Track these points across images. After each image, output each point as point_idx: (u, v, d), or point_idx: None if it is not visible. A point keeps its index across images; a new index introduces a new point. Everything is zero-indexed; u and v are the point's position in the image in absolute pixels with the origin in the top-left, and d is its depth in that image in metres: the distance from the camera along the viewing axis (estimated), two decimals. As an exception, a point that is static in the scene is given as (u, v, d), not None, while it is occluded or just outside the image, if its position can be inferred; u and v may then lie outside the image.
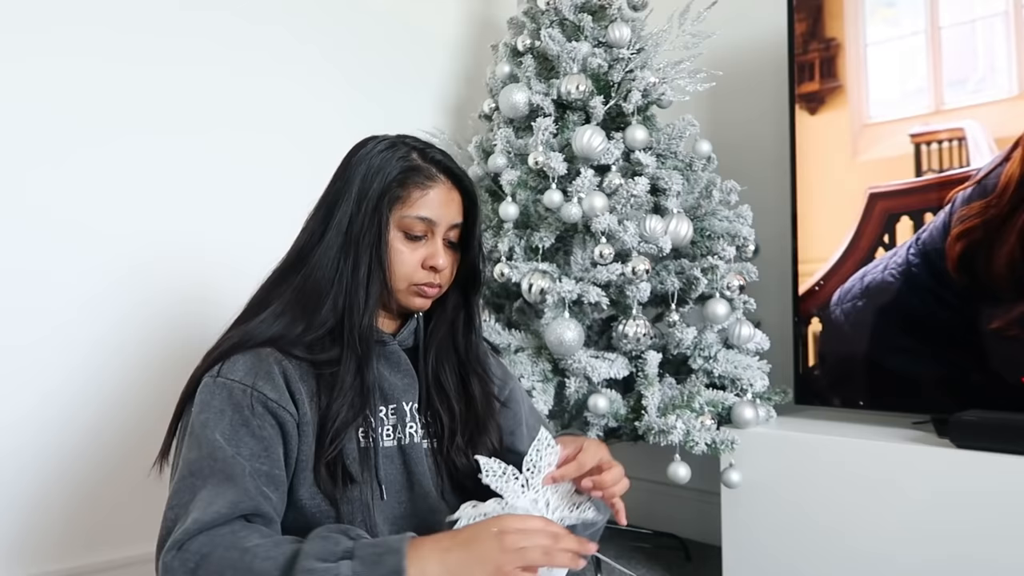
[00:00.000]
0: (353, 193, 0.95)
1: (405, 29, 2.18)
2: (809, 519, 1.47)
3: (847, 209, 1.61)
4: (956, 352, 1.46)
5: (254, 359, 0.88)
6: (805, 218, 1.68)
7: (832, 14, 1.65)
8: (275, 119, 1.89)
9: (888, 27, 1.57)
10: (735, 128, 2.09)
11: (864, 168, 1.60)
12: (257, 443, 0.84)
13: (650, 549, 2.03)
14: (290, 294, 0.94)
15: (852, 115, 1.62)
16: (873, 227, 1.57)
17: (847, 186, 1.62)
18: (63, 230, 1.57)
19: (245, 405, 0.85)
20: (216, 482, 0.80)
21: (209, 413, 0.85)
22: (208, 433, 0.83)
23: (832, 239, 1.64)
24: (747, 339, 1.67)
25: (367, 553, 0.74)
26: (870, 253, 1.58)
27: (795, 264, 1.68)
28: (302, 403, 0.88)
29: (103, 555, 1.58)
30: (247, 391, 0.86)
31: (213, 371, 0.88)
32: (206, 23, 1.78)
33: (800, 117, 1.69)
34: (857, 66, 1.62)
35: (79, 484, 1.57)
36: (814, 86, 1.67)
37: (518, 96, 1.75)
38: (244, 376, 0.87)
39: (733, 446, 1.54)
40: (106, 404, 1.60)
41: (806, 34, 1.69)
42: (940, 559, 1.31)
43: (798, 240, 1.69)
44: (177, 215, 1.71)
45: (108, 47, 1.63)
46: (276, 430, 0.86)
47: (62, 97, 1.57)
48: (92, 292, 1.60)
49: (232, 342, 0.91)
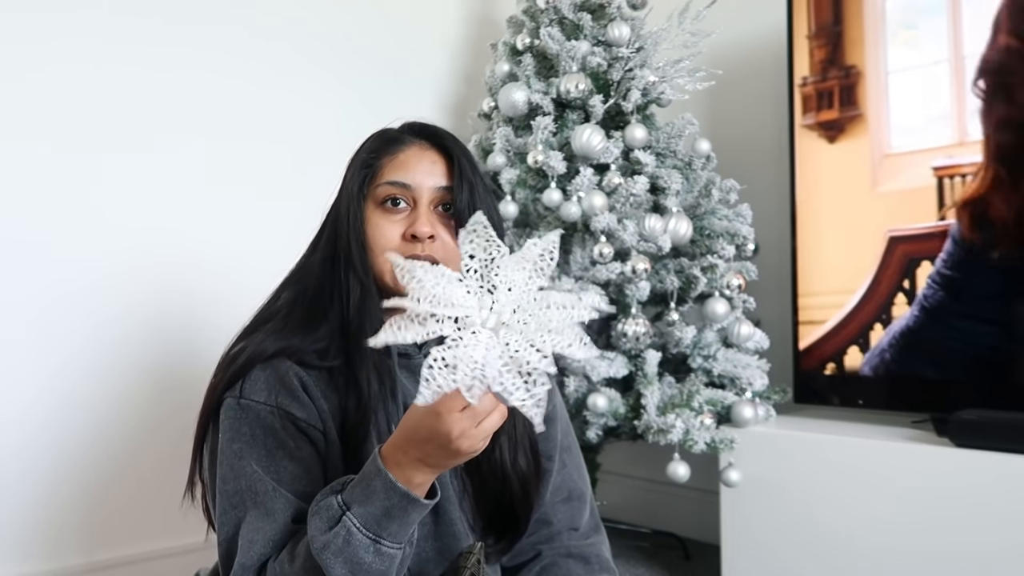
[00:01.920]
0: (339, 192, 0.93)
1: (404, 28, 2.18)
2: (808, 518, 1.47)
3: (863, 244, 1.57)
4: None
5: (273, 374, 0.84)
6: (814, 247, 1.64)
7: (852, 41, 1.61)
8: (273, 119, 1.89)
9: (911, 51, 1.53)
10: (734, 127, 2.09)
11: (883, 199, 1.56)
12: (297, 465, 0.82)
13: (649, 548, 2.03)
14: (292, 304, 0.90)
15: (872, 145, 1.58)
16: (892, 272, 1.52)
17: (864, 218, 1.57)
18: (63, 225, 1.57)
19: (278, 427, 0.82)
20: (255, 516, 0.79)
21: (241, 442, 0.82)
22: (243, 465, 0.81)
23: (842, 274, 1.59)
24: (746, 338, 1.67)
25: (358, 494, 0.73)
26: (889, 299, 1.52)
27: (794, 263, 1.68)
28: (327, 419, 0.85)
29: (104, 553, 1.58)
30: (275, 412, 0.83)
31: (235, 391, 0.84)
32: (205, 26, 1.78)
33: (818, 145, 1.65)
34: (878, 95, 1.58)
35: (80, 482, 1.57)
36: (833, 114, 1.64)
37: (517, 95, 1.74)
38: (268, 396, 0.83)
39: (732, 445, 1.54)
40: (107, 402, 1.60)
41: (825, 61, 1.65)
42: (939, 557, 1.31)
43: (798, 269, 1.65)
44: (178, 214, 1.71)
45: (98, 53, 1.63)
46: (311, 447, 0.84)
47: (69, 105, 1.57)
48: (93, 288, 1.59)
49: (246, 356, 0.86)
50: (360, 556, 0.72)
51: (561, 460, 1.01)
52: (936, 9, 1.50)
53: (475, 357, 0.60)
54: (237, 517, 0.80)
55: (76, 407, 1.57)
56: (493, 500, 0.92)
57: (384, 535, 0.72)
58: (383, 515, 0.72)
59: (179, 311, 1.70)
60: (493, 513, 0.92)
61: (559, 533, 1.00)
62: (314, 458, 0.84)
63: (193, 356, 1.67)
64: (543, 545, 0.99)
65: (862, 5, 1.61)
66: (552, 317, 0.62)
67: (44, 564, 1.51)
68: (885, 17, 1.58)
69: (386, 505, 0.72)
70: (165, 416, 1.63)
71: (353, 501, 0.73)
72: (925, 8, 1.52)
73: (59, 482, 1.54)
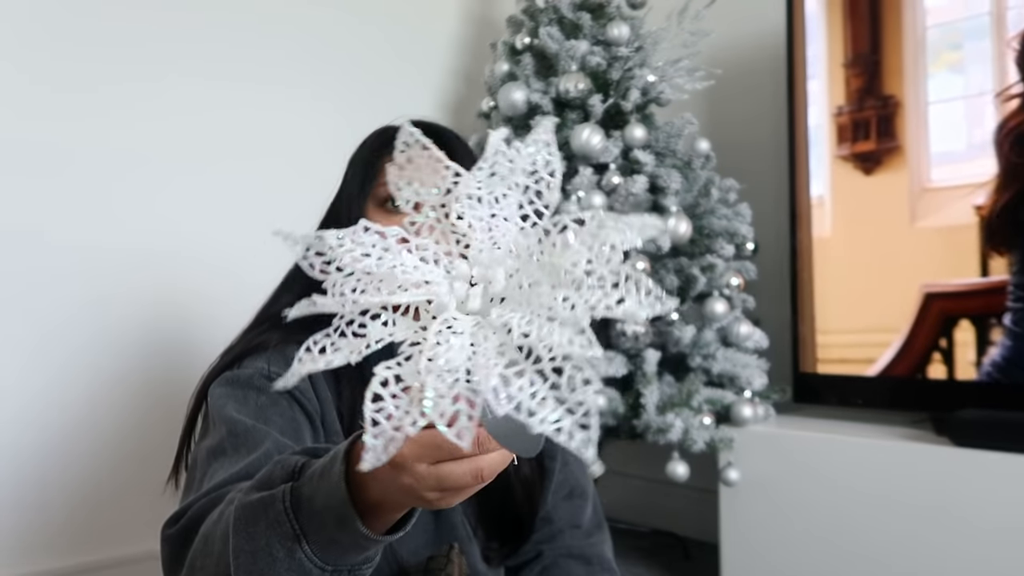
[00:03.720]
0: (339, 191, 0.93)
1: (403, 28, 2.18)
2: (807, 517, 1.47)
3: (898, 285, 1.50)
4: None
5: (273, 354, 0.82)
6: (841, 283, 1.58)
7: (891, 70, 1.56)
8: (272, 118, 1.89)
9: (954, 77, 1.47)
10: (734, 126, 2.09)
11: (921, 235, 1.49)
12: (287, 422, 0.77)
13: (648, 547, 2.03)
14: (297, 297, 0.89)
15: (911, 178, 1.52)
16: (928, 329, 1.45)
17: (902, 253, 1.51)
18: (49, 221, 1.56)
19: (269, 389, 0.77)
20: (234, 454, 0.72)
21: (229, 400, 0.78)
22: (228, 413, 0.76)
23: (870, 316, 1.53)
24: (746, 337, 1.67)
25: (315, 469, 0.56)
26: (925, 357, 1.47)
27: (794, 262, 1.68)
28: (327, 408, 0.82)
29: (101, 553, 1.58)
30: (270, 375, 0.79)
31: (232, 370, 0.82)
32: (201, 29, 1.78)
33: (854, 177, 1.60)
34: (917, 126, 1.52)
35: (76, 482, 1.56)
36: (870, 145, 1.58)
37: (517, 94, 1.74)
38: (264, 366, 0.81)
39: (731, 444, 1.54)
40: (94, 402, 1.60)
41: (862, 90, 1.60)
42: (938, 557, 1.31)
43: (814, 301, 1.60)
44: (173, 213, 1.71)
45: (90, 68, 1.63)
46: (304, 416, 0.80)
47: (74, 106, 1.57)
48: (81, 287, 1.58)
49: (244, 344, 0.86)
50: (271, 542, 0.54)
51: (563, 458, 1.00)
52: (981, 32, 1.44)
53: (453, 362, 0.35)
54: (211, 466, 0.71)
55: (63, 407, 1.55)
56: (496, 505, 0.90)
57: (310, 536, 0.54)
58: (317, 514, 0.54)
59: (170, 310, 1.69)
60: (496, 518, 0.91)
61: (560, 531, 0.99)
62: (305, 424, 0.79)
63: (184, 355, 1.67)
64: (544, 544, 0.98)
65: (902, 33, 1.55)
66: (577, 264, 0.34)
67: (30, 566, 1.50)
68: (926, 45, 1.53)
69: (324, 504, 0.53)
70: (154, 417, 1.62)
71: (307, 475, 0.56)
72: (970, 31, 1.46)
73: (45, 483, 1.53)
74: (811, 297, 1.66)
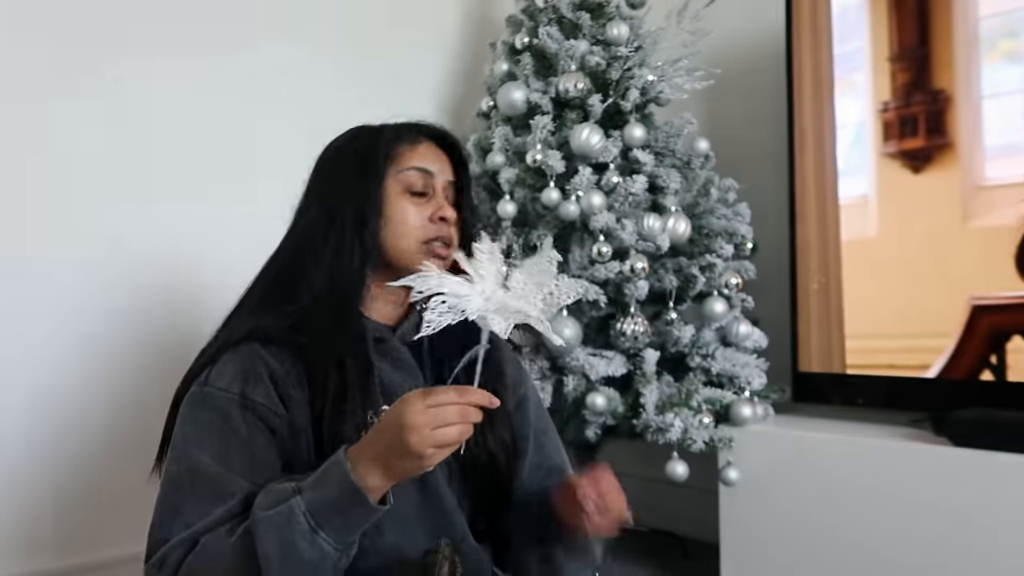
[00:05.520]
0: (331, 173, 0.97)
1: (402, 27, 2.18)
2: (806, 516, 1.47)
3: (947, 289, 1.44)
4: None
5: (240, 362, 0.86)
6: (882, 285, 1.53)
7: (940, 64, 1.49)
8: (272, 118, 1.88)
9: (1011, 68, 1.40)
10: (733, 126, 2.09)
11: (973, 236, 1.43)
12: (247, 454, 0.82)
13: (648, 547, 2.03)
14: (269, 281, 0.93)
15: (963, 176, 1.46)
16: (978, 344, 1.38)
17: (953, 255, 1.45)
18: (56, 227, 1.56)
19: (234, 414, 0.83)
20: (200, 499, 0.79)
21: (195, 427, 0.83)
22: (190, 449, 0.81)
23: (915, 322, 1.47)
24: (745, 337, 1.67)
25: (312, 480, 0.75)
26: (974, 375, 1.40)
27: (793, 262, 1.68)
28: (294, 406, 0.85)
29: (78, 557, 1.56)
30: (233, 399, 0.83)
31: (201, 379, 0.86)
32: (203, 25, 1.78)
33: (901, 175, 1.54)
34: (970, 121, 1.46)
35: (70, 481, 1.56)
36: (918, 142, 1.51)
37: (516, 94, 1.74)
38: (231, 383, 0.84)
39: (731, 444, 1.54)
40: (99, 400, 1.60)
41: (909, 85, 1.53)
42: (937, 556, 1.31)
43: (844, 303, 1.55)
44: (171, 215, 1.71)
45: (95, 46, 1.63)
46: (267, 435, 0.84)
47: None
48: (68, 285, 1.57)
49: (218, 343, 0.89)
50: (295, 540, 0.72)
51: (538, 441, 1.04)
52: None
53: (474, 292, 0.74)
54: (175, 501, 0.79)
55: (49, 405, 1.55)
56: (481, 478, 0.94)
57: (325, 526, 0.73)
58: (329, 506, 0.73)
59: (158, 306, 1.68)
60: (482, 491, 0.94)
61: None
62: (268, 448, 0.84)
63: (172, 356, 1.66)
64: None
65: (952, 25, 1.49)
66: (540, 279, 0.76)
67: (16, 567, 1.49)
68: (978, 37, 1.46)
69: (335, 495, 0.73)
70: (143, 418, 1.61)
71: (306, 487, 0.74)
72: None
73: (43, 482, 1.52)
74: (807, 297, 1.66)
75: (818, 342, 1.63)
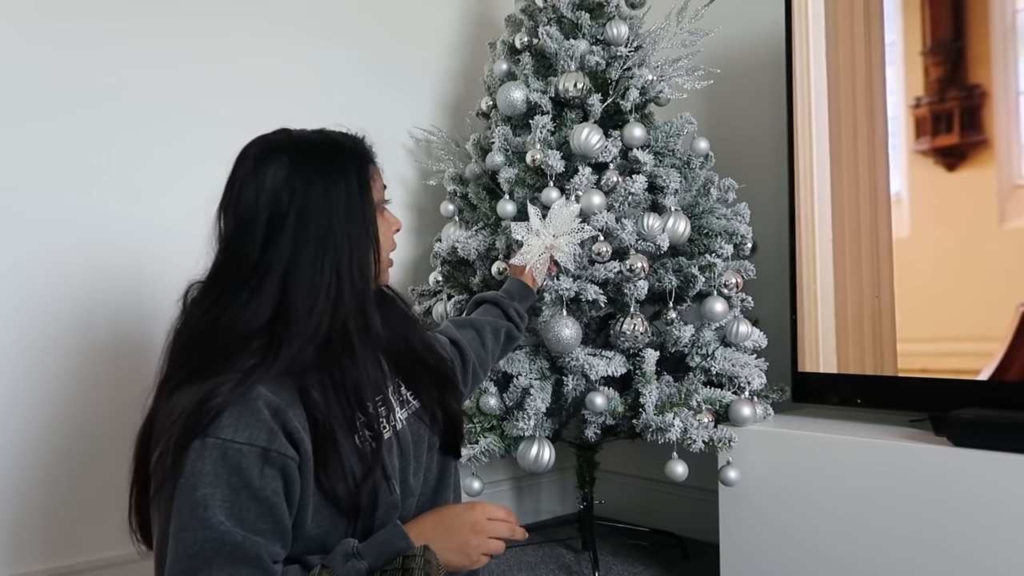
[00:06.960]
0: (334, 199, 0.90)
1: (402, 27, 2.18)
2: (806, 517, 1.47)
3: (984, 291, 1.40)
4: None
5: (243, 409, 0.79)
6: (927, 287, 1.49)
7: (976, 58, 1.44)
8: (271, 118, 1.87)
9: None
10: (733, 126, 2.09)
11: (1011, 237, 1.38)
12: (260, 506, 0.78)
13: (647, 547, 2.03)
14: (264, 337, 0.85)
15: (1000, 174, 1.41)
16: None
17: (990, 256, 1.41)
18: (29, 223, 1.55)
19: (244, 467, 0.78)
20: (221, 565, 0.76)
21: (205, 487, 0.77)
22: (202, 512, 0.76)
23: (960, 323, 1.43)
24: (745, 337, 1.67)
25: (372, 546, 0.83)
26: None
27: (793, 261, 1.68)
28: (301, 440, 0.81)
29: (64, 559, 1.55)
30: (241, 449, 0.78)
31: (198, 430, 0.78)
32: (202, 16, 1.78)
33: (934, 173, 1.49)
34: (1007, 117, 1.41)
35: (58, 484, 1.55)
36: (953, 139, 1.47)
37: (516, 94, 1.74)
38: (236, 432, 0.78)
39: (731, 444, 1.54)
40: (67, 404, 1.58)
41: (943, 80, 1.48)
42: (936, 557, 1.31)
43: (896, 304, 1.51)
44: (162, 210, 1.71)
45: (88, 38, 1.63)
46: (279, 482, 0.80)
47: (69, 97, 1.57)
48: (57, 283, 1.56)
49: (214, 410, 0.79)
50: None
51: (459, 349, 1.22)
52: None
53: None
54: (192, 567, 0.75)
55: (35, 408, 1.53)
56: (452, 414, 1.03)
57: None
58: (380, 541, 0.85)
59: (145, 307, 1.66)
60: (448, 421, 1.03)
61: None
62: (280, 495, 0.80)
63: (153, 361, 1.65)
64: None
65: (989, 17, 1.44)
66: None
67: (2, 570, 1.48)
68: (1016, 30, 1.41)
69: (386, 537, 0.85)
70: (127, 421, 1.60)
71: (366, 552, 0.83)
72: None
73: (32, 484, 1.52)
74: (812, 296, 1.65)
75: (871, 344, 1.57)
